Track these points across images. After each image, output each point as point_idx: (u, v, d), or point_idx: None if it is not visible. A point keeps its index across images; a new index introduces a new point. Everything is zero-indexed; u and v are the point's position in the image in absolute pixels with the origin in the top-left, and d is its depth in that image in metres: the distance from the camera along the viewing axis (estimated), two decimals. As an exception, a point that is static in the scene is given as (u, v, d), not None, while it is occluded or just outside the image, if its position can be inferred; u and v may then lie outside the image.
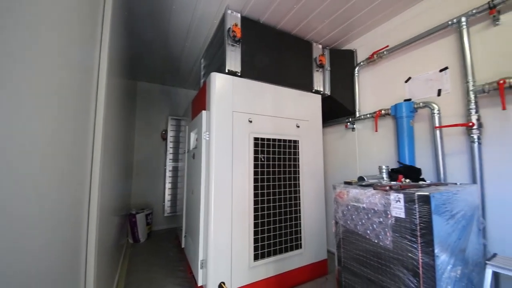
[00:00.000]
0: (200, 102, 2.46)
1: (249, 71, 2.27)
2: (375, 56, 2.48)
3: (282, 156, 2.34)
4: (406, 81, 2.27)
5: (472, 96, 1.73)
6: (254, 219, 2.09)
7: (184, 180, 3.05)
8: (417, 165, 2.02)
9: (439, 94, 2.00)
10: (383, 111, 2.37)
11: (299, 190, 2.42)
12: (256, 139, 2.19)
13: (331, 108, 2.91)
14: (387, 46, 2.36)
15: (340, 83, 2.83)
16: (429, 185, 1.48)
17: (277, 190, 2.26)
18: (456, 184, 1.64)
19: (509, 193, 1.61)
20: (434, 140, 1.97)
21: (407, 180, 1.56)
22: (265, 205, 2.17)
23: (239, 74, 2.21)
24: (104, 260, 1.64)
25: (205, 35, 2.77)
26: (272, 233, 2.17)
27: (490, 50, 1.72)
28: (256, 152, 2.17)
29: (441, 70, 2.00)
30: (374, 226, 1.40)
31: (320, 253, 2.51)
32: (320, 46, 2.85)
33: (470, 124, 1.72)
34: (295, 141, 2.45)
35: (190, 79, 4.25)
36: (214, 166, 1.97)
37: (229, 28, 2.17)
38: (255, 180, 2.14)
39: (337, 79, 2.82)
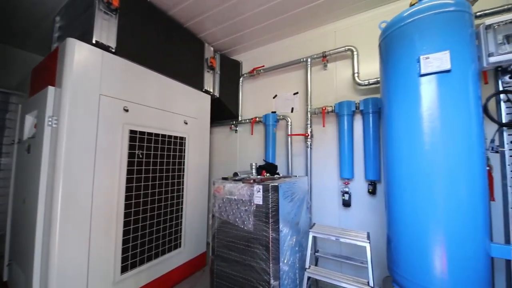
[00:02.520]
0: (46, 74, 1.78)
1: (129, 50, 1.94)
2: (255, 71, 2.94)
3: (166, 153, 2.19)
4: (274, 97, 2.88)
5: (309, 115, 2.50)
6: (125, 226, 1.80)
7: (11, 184, 2.08)
8: (276, 163, 2.61)
9: (292, 111, 2.72)
10: (257, 119, 2.86)
11: (182, 188, 2.37)
12: (133, 132, 1.90)
13: (219, 109, 3.10)
14: (263, 66, 2.88)
15: (228, 88, 3.08)
16: (280, 178, 1.97)
17: (157, 190, 2.08)
18: (296, 176, 2.30)
19: (323, 181, 2.47)
20: (287, 144, 2.64)
21: (268, 174, 2.00)
22: (141, 208, 1.94)
23: (113, 50, 1.83)
24: None
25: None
26: (147, 238, 1.97)
27: (320, 86, 2.57)
28: (132, 147, 1.89)
29: (294, 94, 2.72)
30: (241, 214, 1.66)
31: (200, 247, 2.60)
32: (212, 49, 2.96)
33: (307, 134, 2.47)
34: (182, 138, 2.38)
35: (34, 38, 2.94)
36: (63, 163, 1.49)
37: (101, -11, 1.74)
38: (129, 180, 1.85)
39: (225, 83, 3.04)
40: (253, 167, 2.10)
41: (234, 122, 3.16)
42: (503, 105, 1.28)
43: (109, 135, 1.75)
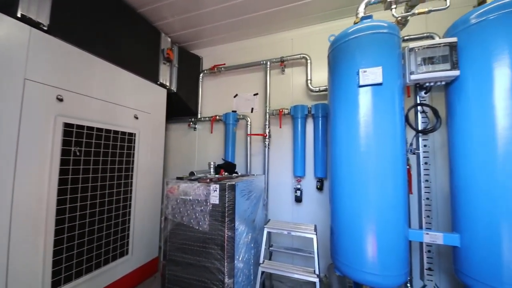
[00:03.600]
0: None
1: (67, 30, 1.66)
2: (216, 69, 2.88)
3: (111, 150, 1.96)
4: (234, 96, 2.88)
5: (267, 116, 2.58)
6: (57, 234, 1.55)
7: None
8: (236, 162, 2.63)
9: (251, 111, 2.77)
10: (217, 117, 2.81)
11: (131, 189, 2.16)
12: (69, 125, 1.64)
13: (177, 105, 2.93)
14: (225, 64, 2.85)
15: (187, 83, 2.94)
16: (238, 177, 1.99)
17: (98, 192, 1.84)
18: (254, 175, 2.36)
19: (279, 179, 2.59)
20: (246, 143, 2.68)
21: (226, 174, 1.99)
22: (78, 213, 1.69)
23: (46, 28, 1.54)
24: None
25: None
26: (86, 247, 1.73)
27: (278, 88, 2.68)
28: (68, 143, 1.63)
29: (254, 94, 2.78)
30: (197, 214, 1.61)
31: (151, 252, 2.42)
32: (170, 40, 2.78)
33: (265, 135, 2.56)
34: (131, 134, 2.17)
35: None
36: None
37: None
38: (63, 182, 1.59)
39: (184, 78, 2.90)
40: (212, 166, 2.07)
41: (193, 119, 3.04)
42: (419, 115, 1.57)
43: (36, 128, 1.47)
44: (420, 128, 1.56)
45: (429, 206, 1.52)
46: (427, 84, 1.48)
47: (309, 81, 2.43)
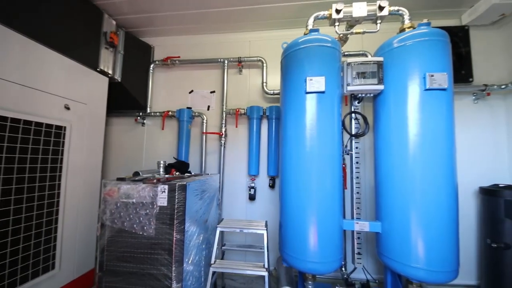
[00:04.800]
0: None
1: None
2: (169, 61, 2.70)
3: (32, 146, 1.62)
4: (190, 92, 2.76)
5: (224, 115, 2.57)
6: None
7: None
8: (190, 161, 2.53)
9: (208, 109, 2.71)
10: (170, 113, 2.64)
11: (58, 193, 1.83)
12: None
13: (122, 96, 2.62)
14: (179, 57, 2.70)
15: (134, 74, 2.66)
16: (190, 176, 1.92)
17: (13, 197, 1.51)
18: (208, 174, 2.32)
19: (234, 178, 2.61)
20: (201, 142, 2.61)
21: (177, 173, 1.90)
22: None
23: None
24: None
25: None
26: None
27: (235, 88, 2.69)
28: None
29: (211, 92, 2.72)
30: (141, 218, 1.49)
31: (87, 264, 2.11)
32: (115, 23, 2.46)
33: (221, 133, 2.54)
34: (60, 127, 1.83)
35: None
36: None
37: None
38: None
39: (131, 67, 2.61)
40: (161, 165, 1.93)
41: (141, 114, 2.78)
42: (353, 121, 1.82)
43: None
44: (353, 132, 1.81)
45: (359, 199, 1.78)
46: (360, 95, 1.73)
47: (264, 84, 2.52)
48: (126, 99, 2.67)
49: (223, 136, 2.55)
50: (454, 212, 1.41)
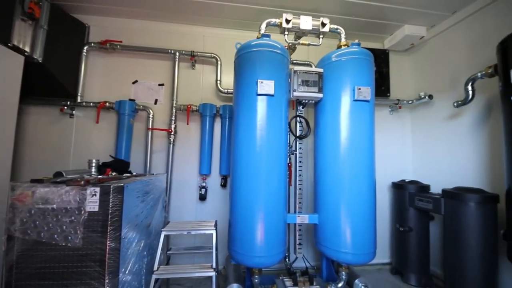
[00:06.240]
0: None
1: None
2: (108, 44, 2.36)
3: None
4: (133, 83, 2.48)
5: (174, 110, 2.42)
6: None
7: None
8: (132, 160, 2.28)
9: (155, 103, 2.50)
10: (108, 104, 2.32)
11: None
12: None
13: (43, 81, 2.16)
14: (121, 41, 2.40)
15: (61, 55, 2.22)
16: (130, 177, 1.74)
17: None
18: (153, 174, 2.14)
19: (184, 178, 2.48)
20: (146, 139, 2.39)
21: (114, 173, 1.69)
22: None
23: None
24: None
25: None
26: None
27: (187, 83, 2.56)
28: None
29: (160, 85, 2.52)
30: (64, 227, 1.27)
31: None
32: (34, -10, 2.00)
33: (170, 130, 2.38)
34: None
35: None
36: None
37: None
38: None
39: (58, 47, 2.16)
40: (93, 165, 1.69)
41: (69, 103, 2.35)
42: (298, 124, 1.99)
43: None
44: (298, 134, 1.99)
45: (301, 195, 1.96)
46: (304, 100, 1.91)
47: (218, 82, 2.49)
48: (49, 84, 2.21)
49: (172, 133, 2.39)
50: (373, 204, 1.71)
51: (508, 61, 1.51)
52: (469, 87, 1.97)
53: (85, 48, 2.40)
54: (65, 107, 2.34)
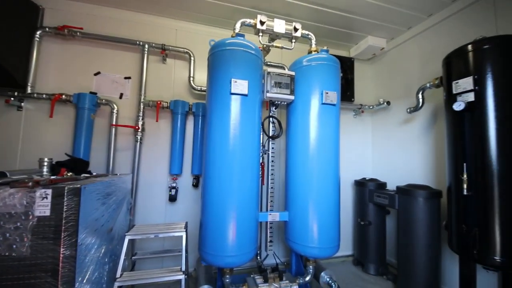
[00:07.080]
0: None
1: None
2: (66, 30, 2.12)
3: None
4: (95, 74, 2.27)
5: (141, 106, 2.28)
6: None
7: None
8: (92, 158, 2.09)
9: (120, 97, 2.32)
10: (64, 96, 2.08)
11: None
12: None
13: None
14: (82, 29, 2.17)
15: (8, 38, 1.92)
16: (89, 177, 1.59)
17: None
18: (117, 174, 1.99)
19: (152, 178, 2.36)
20: (110, 136, 2.21)
21: (70, 174, 1.53)
22: None
23: None
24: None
25: None
26: None
27: (157, 78, 2.43)
28: None
29: (126, 78, 2.35)
30: (7, 235, 1.12)
31: None
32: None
33: (137, 127, 2.24)
34: None
35: None
36: None
37: None
38: None
39: (3, 29, 1.87)
40: (45, 164, 1.50)
41: (16, 94, 2.05)
42: (270, 125, 2.04)
43: None
44: (270, 134, 2.04)
45: (272, 193, 2.02)
46: (277, 102, 1.96)
47: (191, 79, 2.41)
48: (-12, 71, 1.90)
49: (139, 130, 2.25)
50: (337, 201, 1.83)
51: (451, 74, 1.72)
52: (420, 96, 2.23)
53: (38, 32, 2.12)
54: (12, 98, 2.04)
